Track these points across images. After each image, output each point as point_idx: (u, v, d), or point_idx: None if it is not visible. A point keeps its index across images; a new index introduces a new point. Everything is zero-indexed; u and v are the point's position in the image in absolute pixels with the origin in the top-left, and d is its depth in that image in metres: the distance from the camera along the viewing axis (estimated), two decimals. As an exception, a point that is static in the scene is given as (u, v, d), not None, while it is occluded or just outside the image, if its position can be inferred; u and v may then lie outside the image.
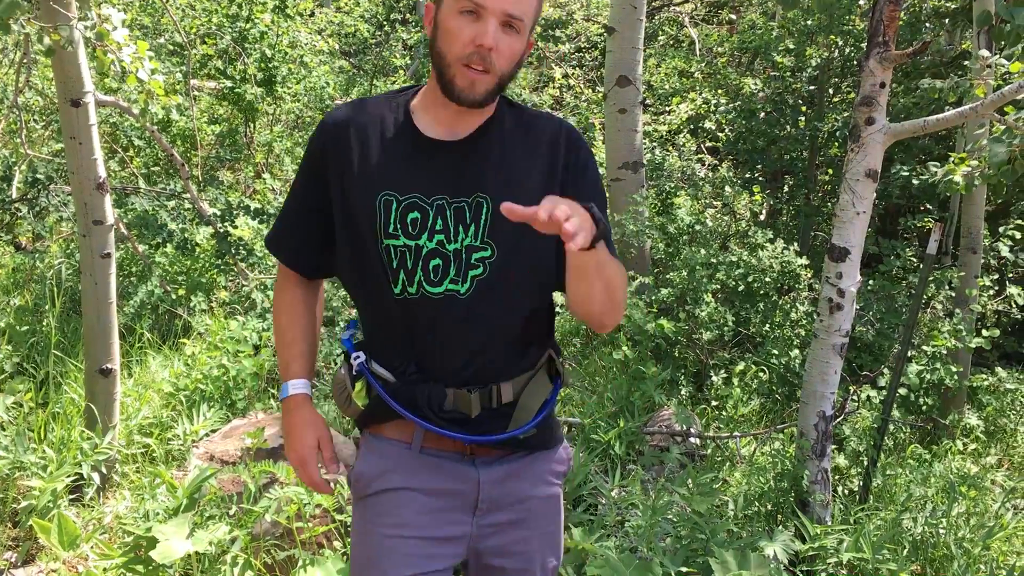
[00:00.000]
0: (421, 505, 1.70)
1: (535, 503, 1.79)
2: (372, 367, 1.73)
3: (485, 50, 1.54)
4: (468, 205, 1.64)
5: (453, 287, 1.63)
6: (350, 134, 1.68)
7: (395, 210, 1.63)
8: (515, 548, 1.77)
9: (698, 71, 10.25)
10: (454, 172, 1.65)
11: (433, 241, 1.63)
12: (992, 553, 3.88)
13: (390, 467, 1.73)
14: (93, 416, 3.74)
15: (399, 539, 1.68)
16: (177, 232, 5.60)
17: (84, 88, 3.42)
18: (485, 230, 1.63)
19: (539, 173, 1.69)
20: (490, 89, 1.59)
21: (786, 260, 5.92)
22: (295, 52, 8.09)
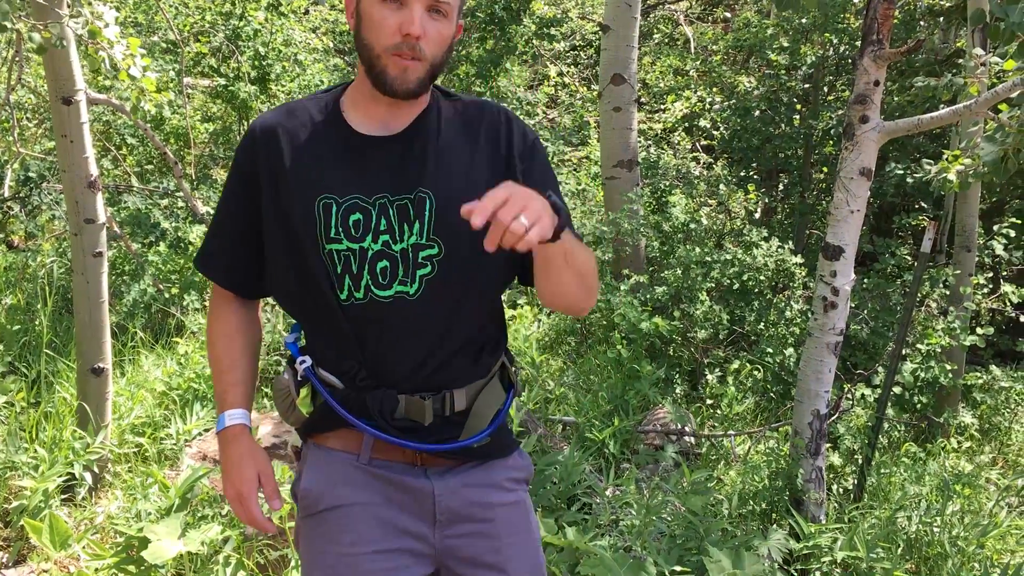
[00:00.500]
0: (376, 519, 1.62)
1: (499, 511, 1.70)
2: (319, 373, 1.64)
3: (413, 38, 1.49)
4: (411, 202, 1.56)
5: (402, 288, 1.56)
6: (280, 139, 1.61)
7: (335, 213, 1.55)
8: (488, 559, 1.67)
9: (693, 69, 10.26)
10: (393, 169, 1.58)
11: (379, 242, 1.56)
12: (986, 551, 3.88)
13: (338, 480, 1.64)
14: (85, 415, 3.72)
15: (359, 556, 1.60)
16: (170, 230, 5.58)
17: (76, 86, 3.40)
18: (431, 227, 1.56)
19: (484, 163, 1.62)
20: (422, 77, 1.53)
21: (781, 258, 5.92)
22: (289, 50, 8.07)
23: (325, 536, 1.64)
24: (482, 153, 1.63)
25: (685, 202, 6.81)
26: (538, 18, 8.87)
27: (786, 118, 8.51)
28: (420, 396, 1.60)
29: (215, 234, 1.72)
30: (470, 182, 1.58)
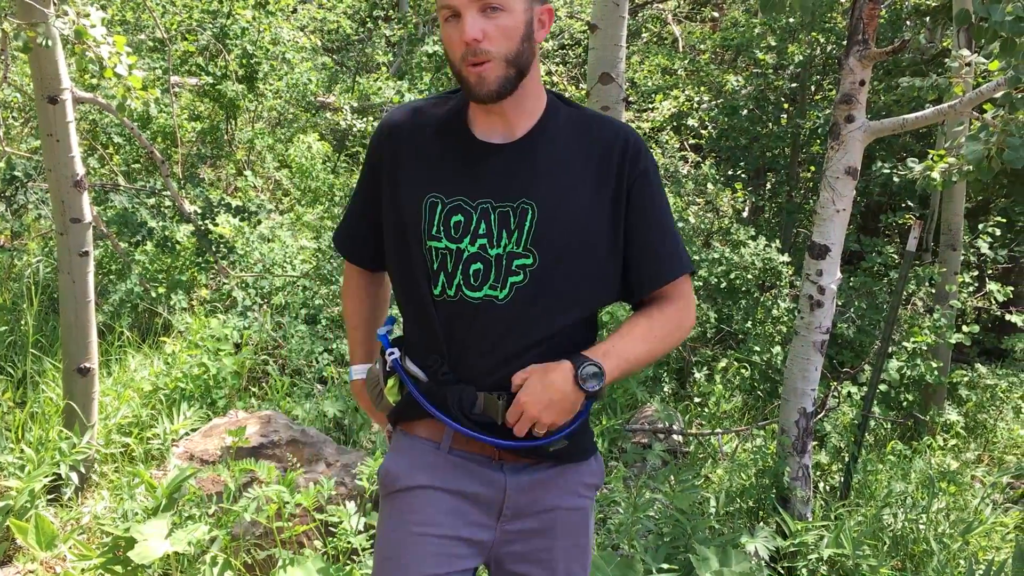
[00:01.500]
0: (447, 505, 1.69)
1: (560, 514, 1.74)
2: (406, 364, 1.73)
3: (473, 43, 1.54)
4: (513, 210, 1.62)
5: (492, 292, 1.62)
6: (403, 136, 1.71)
7: (439, 212, 1.64)
8: (537, 556, 1.74)
9: (681, 68, 10.27)
10: (502, 176, 1.64)
11: (475, 245, 1.62)
12: (971, 548, 3.91)
13: (418, 465, 1.72)
14: (71, 415, 3.71)
15: (423, 537, 1.67)
16: (157, 230, 5.56)
17: (61, 85, 3.39)
18: (529, 237, 1.61)
19: (591, 180, 1.65)
20: (500, 76, 1.57)
21: (768, 257, 5.94)
22: (277, 48, 8.05)
23: (397, 513, 1.72)
24: (591, 171, 1.66)
25: (673, 201, 6.82)
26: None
27: (773, 117, 8.54)
28: (497, 395, 1.65)
29: (346, 216, 1.88)
30: (574, 198, 1.64)
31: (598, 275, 1.67)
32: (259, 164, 8.23)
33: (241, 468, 3.19)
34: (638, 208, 1.67)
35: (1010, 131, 3.26)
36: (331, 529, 3.21)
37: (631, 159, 1.66)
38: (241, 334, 4.95)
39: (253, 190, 7.48)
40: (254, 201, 6.11)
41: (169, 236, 5.64)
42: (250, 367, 4.82)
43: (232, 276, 5.50)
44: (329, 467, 3.55)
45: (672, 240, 1.70)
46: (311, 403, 4.48)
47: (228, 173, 8.14)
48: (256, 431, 3.64)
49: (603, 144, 1.67)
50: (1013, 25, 2.87)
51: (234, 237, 5.68)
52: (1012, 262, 7.86)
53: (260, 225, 5.92)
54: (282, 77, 8.13)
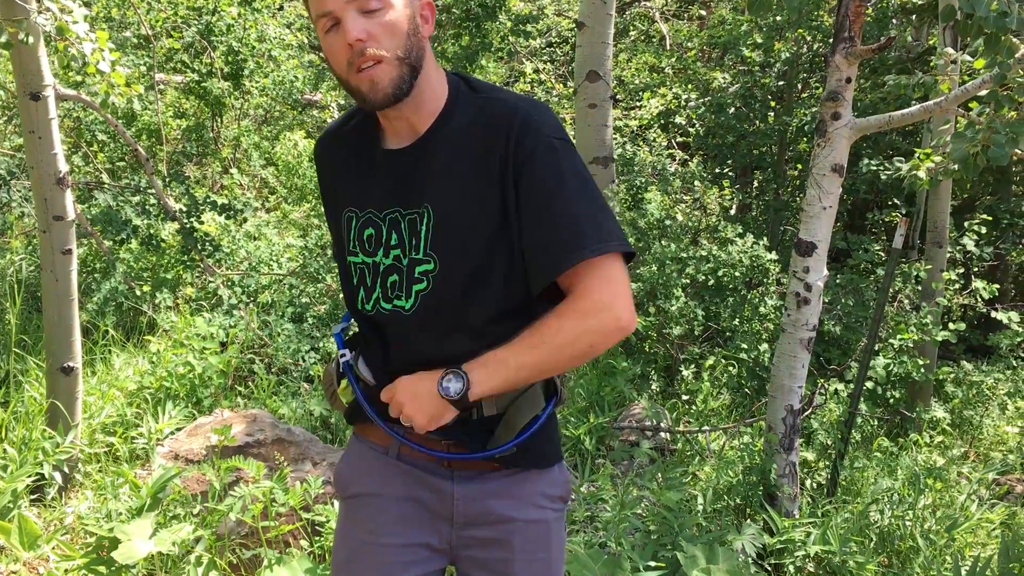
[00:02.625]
0: (395, 512, 1.66)
1: (519, 526, 1.65)
2: (357, 367, 1.67)
3: (359, 44, 1.44)
4: (419, 216, 1.54)
5: (399, 303, 1.57)
6: (326, 155, 1.72)
7: (355, 226, 1.62)
8: (496, 567, 1.67)
9: (668, 66, 10.28)
10: (404, 182, 1.56)
11: (390, 257, 1.58)
12: (957, 544, 3.92)
13: (366, 471, 1.71)
14: (55, 415, 3.68)
15: (373, 546, 1.66)
16: (142, 228, 5.53)
17: (44, 82, 3.36)
18: (427, 242, 1.53)
19: (483, 175, 1.51)
20: (394, 77, 1.47)
21: (755, 254, 5.95)
22: (263, 46, 8.01)
23: (351, 520, 1.73)
24: (483, 164, 1.51)
25: (660, 199, 6.82)
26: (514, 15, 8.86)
27: (760, 115, 8.55)
28: None
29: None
30: (467, 197, 1.51)
31: (501, 272, 1.53)
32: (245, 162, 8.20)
33: (227, 467, 3.17)
34: (525, 192, 1.49)
35: (995, 128, 3.26)
36: (318, 528, 3.20)
37: (517, 141, 1.48)
38: (227, 333, 4.92)
39: (239, 188, 7.45)
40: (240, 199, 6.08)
41: (154, 234, 5.61)
42: (236, 366, 4.80)
43: (218, 274, 5.47)
44: (315, 466, 3.53)
45: (573, 224, 1.46)
46: (297, 402, 4.46)
47: (214, 171, 8.10)
48: (242, 430, 3.62)
49: (492, 131, 1.51)
50: (997, 21, 2.87)
51: (220, 235, 5.66)
52: (997, 259, 7.92)
53: (246, 223, 5.90)
54: (268, 74, 8.09)
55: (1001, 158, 3.20)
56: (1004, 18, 2.88)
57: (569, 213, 1.47)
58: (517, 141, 1.49)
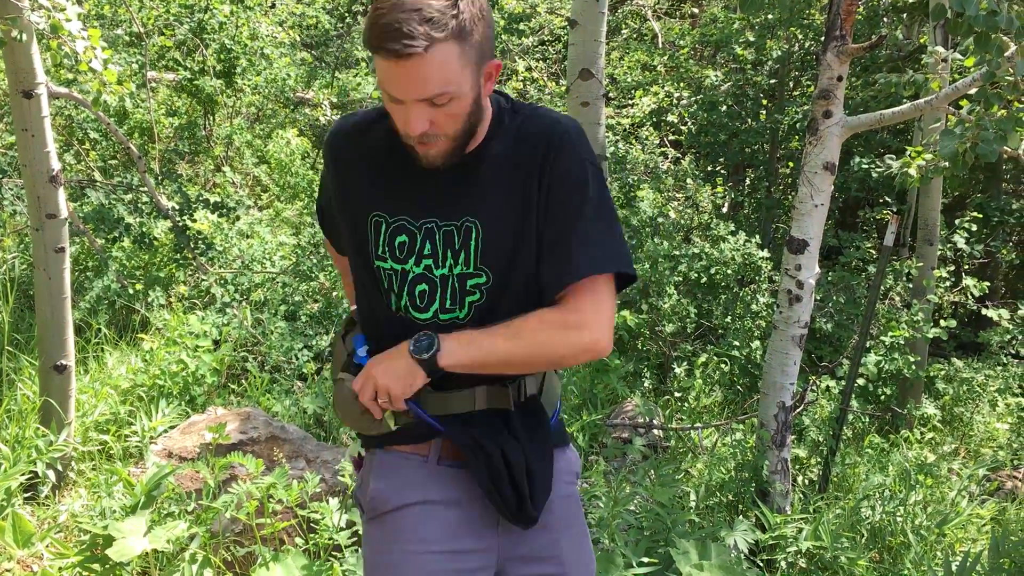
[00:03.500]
0: (442, 518, 1.64)
1: (556, 504, 1.71)
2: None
3: (418, 136, 1.48)
4: (457, 229, 1.58)
5: (450, 316, 1.60)
6: (348, 150, 1.67)
7: (384, 232, 1.60)
8: (545, 552, 1.70)
9: (661, 64, 10.29)
10: (445, 195, 1.59)
11: (420, 266, 1.59)
12: (948, 540, 3.95)
13: (408, 482, 1.66)
14: (48, 413, 3.67)
15: (424, 555, 1.62)
16: (134, 226, 5.52)
17: (36, 79, 3.35)
18: (477, 256, 1.58)
19: (522, 192, 1.58)
20: (447, 152, 1.53)
21: (747, 252, 5.97)
22: (255, 43, 8.00)
23: (392, 536, 1.65)
24: (524, 181, 1.58)
25: (653, 196, 6.83)
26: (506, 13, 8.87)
27: (752, 113, 8.57)
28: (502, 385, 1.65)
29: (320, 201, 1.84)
30: (514, 213, 1.57)
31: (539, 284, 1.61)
32: (237, 160, 8.19)
33: (222, 464, 3.17)
34: (551, 208, 1.57)
35: (984, 126, 3.28)
36: (312, 526, 3.20)
37: (552, 161, 1.56)
38: (220, 331, 4.92)
39: (231, 186, 7.44)
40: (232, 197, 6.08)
41: (146, 232, 5.60)
42: (229, 364, 4.80)
43: (211, 272, 5.47)
44: (309, 464, 3.54)
45: (585, 243, 1.56)
46: (291, 400, 4.46)
47: (206, 169, 8.09)
48: (235, 428, 3.62)
49: (531, 147, 1.58)
50: (987, 19, 2.89)
51: (212, 233, 5.65)
52: (988, 257, 7.95)
53: (239, 221, 5.89)
54: (260, 72, 8.08)
55: (990, 155, 3.22)
56: (994, 17, 2.90)
57: (586, 233, 1.56)
58: (553, 161, 1.56)
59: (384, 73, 1.43)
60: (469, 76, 1.47)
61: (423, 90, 1.43)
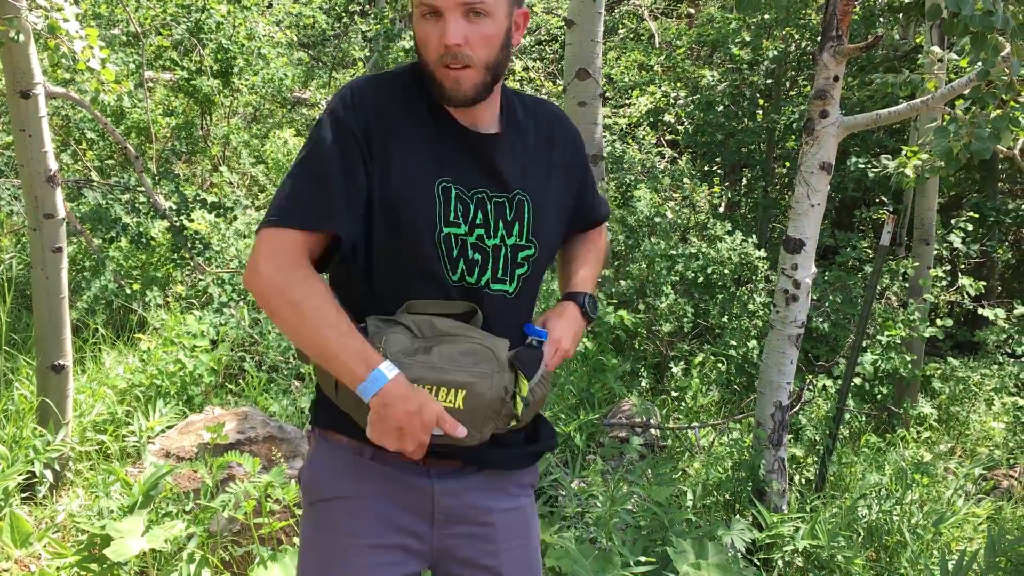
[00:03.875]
0: (374, 514, 1.62)
1: (499, 516, 1.69)
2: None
3: (455, 47, 1.49)
4: (508, 201, 1.62)
5: (500, 287, 1.61)
6: (388, 110, 1.57)
7: (453, 198, 1.57)
8: (484, 561, 1.68)
9: (657, 64, 10.30)
10: (491, 167, 1.61)
11: (473, 235, 1.58)
12: (944, 539, 3.96)
13: (341, 472, 1.65)
14: (46, 413, 3.67)
15: (352, 547, 1.61)
16: (132, 226, 5.52)
17: (34, 79, 3.36)
18: (530, 228, 1.63)
19: (559, 169, 1.72)
20: (477, 83, 1.53)
21: (744, 252, 5.98)
22: (252, 43, 8.00)
23: (324, 525, 1.65)
24: (560, 160, 1.73)
25: (650, 196, 6.84)
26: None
27: (749, 113, 8.58)
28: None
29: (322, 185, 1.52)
30: (552, 188, 1.69)
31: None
32: (235, 160, 8.18)
33: (219, 464, 3.18)
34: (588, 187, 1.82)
35: (978, 124, 3.29)
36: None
37: (574, 137, 1.79)
38: (217, 331, 4.92)
39: (229, 186, 7.43)
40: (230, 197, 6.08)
41: (144, 232, 5.59)
42: (226, 364, 4.80)
43: (208, 272, 5.47)
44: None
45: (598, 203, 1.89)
46: (288, 399, 4.46)
47: (203, 169, 8.09)
48: (233, 427, 3.62)
49: (564, 133, 1.76)
50: (983, 19, 2.90)
51: (210, 233, 5.65)
52: (984, 257, 7.97)
53: (236, 221, 5.89)
54: (257, 72, 8.08)
55: (983, 152, 3.23)
56: (989, 17, 2.91)
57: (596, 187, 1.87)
58: (574, 137, 1.78)
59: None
60: (504, 4, 1.54)
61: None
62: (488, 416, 1.53)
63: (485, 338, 1.55)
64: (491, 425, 1.55)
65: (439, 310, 1.56)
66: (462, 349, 1.52)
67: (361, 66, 10.03)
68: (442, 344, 1.51)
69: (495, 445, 1.62)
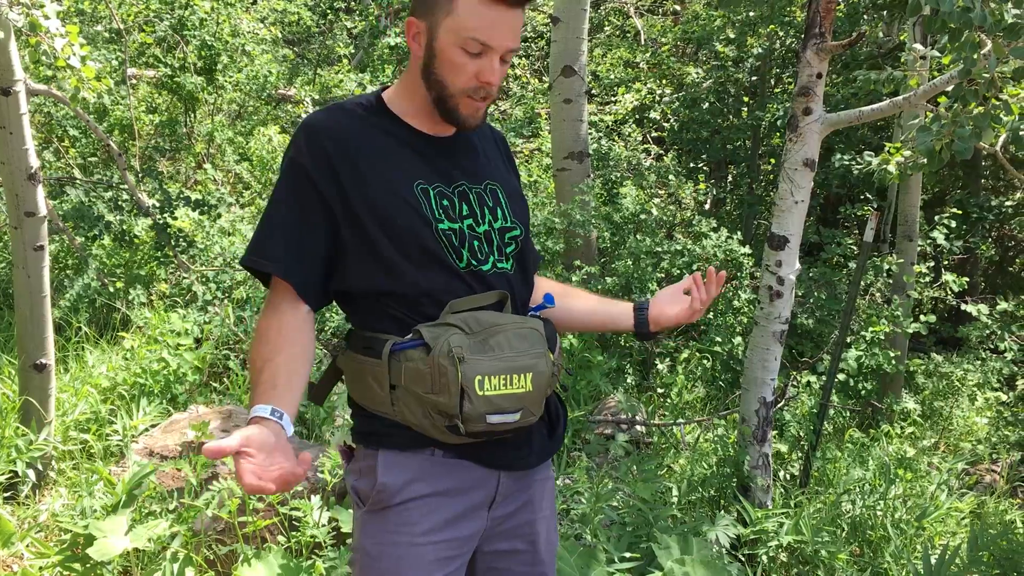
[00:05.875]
0: (448, 509, 1.67)
1: (535, 485, 1.81)
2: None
3: (492, 87, 1.60)
4: (484, 191, 1.73)
5: (503, 266, 1.71)
6: (348, 135, 1.63)
7: (432, 196, 1.65)
8: (521, 531, 1.79)
9: (643, 61, 10.31)
10: (460, 163, 1.73)
11: (464, 225, 1.67)
12: (928, 533, 3.98)
13: (415, 476, 1.66)
14: (28, 412, 3.65)
15: (426, 546, 1.64)
16: (115, 224, 5.49)
17: (14, 76, 3.33)
18: (510, 211, 1.75)
19: (503, 163, 1.86)
20: (484, 112, 1.68)
21: (730, 248, 5.99)
22: (236, 40, 7.96)
23: (399, 527, 1.65)
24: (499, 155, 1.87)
25: (636, 193, 6.85)
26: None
27: (734, 110, 8.60)
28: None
29: (275, 234, 1.61)
30: (509, 177, 1.85)
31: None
32: (219, 157, 8.14)
33: (203, 463, 3.16)
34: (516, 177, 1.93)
35: (960, 122, 3.31)
36: (294, 523, 3.20)
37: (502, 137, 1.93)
38: (201, 329, 4.90)
39: (213, 183, 7.40)
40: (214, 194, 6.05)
41: (127, 230, 5.57)
42: (211, 362, 4.78)
43: (192, 270, 5.44)
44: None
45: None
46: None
47: (187, 166, 8.05)
48: (217, 426, 3.61)
49: (493, 131, 1.90)
50: (962, 15, 2.91)
51: (194, 231, 5.62)
52: (967, 253, 8.01)
53: (220, 219, 5.87)
54: (242, 69, 8.04)
55: (965, 152, 3.25)
56: (968, 13, 2.92)
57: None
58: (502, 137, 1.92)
59: (486, 20, 1.54)
60: None
61: (514, 40, 1.59)
62: (546, 392, 1.65)
63: (525, 321, 1.65)
64: (544, 400, 1.66)
65: (475, 304, 1.64)
66: (515, 335, 1.61)
67: (346, 63, 9.99)
68: (496, 335, 1.59)
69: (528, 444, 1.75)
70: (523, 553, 1.80)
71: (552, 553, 1.85)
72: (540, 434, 1.78)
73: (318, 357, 4.99)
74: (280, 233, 1.61)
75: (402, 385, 1.58)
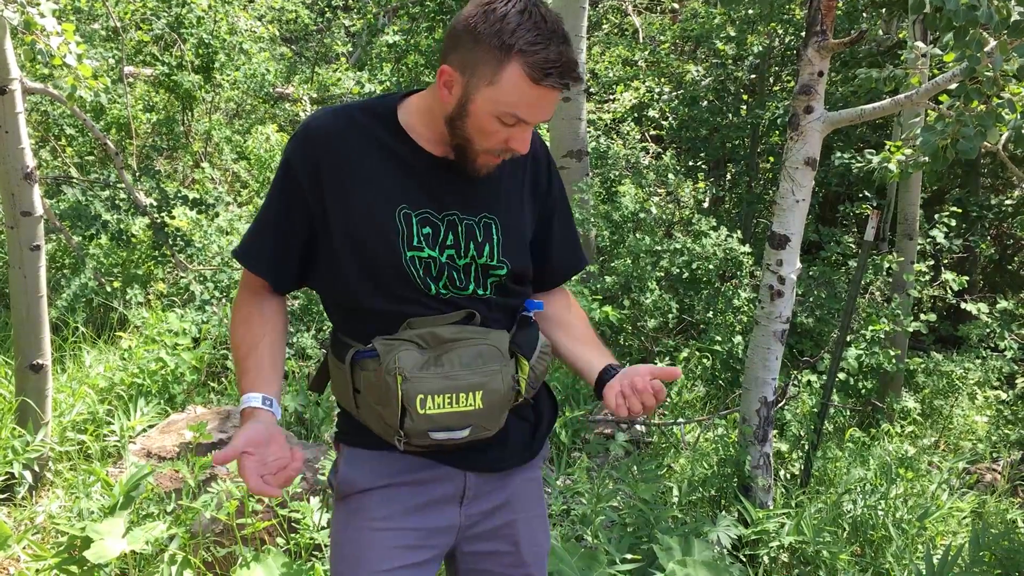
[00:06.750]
0: (407, 498, 1.69)
1: (517, 486, 1.79)
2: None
3: (517, 152, 1.58)
4: (476, 224, 1.65)
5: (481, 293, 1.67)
6: (345, 146, 1.62)
7: (414, 223, 1.61)
8: (502, 532, 1.77)
9: (641, 59, 10.29)
10: (461, 191, 1.65)
11: (444, 256, 1.63)
12: (929, 533, 3.97)
13: (376, 467, 1.70)
14: (25, 413, 3.63)
15: (384, 532, 1.67)
16: (112, 223, 5.46)
17: (10, 75, 3.31)
18: (499, 250, 1.66)
19: (526, 190, 1.75)
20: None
21: (729, 247, 5.98)
22: (234, 38, 7.93)
23: (358, 513, 1.70)
24: (524, 179, 1.75)
25: (635, 192, 6.83)
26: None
27: (733, 108, 8.58)
28: None
29: (262, 229, 1.69)
30: (519, 211, 1.73)
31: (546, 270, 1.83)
32: (216, 156, 8.12)
33: (201, 464, 3.14)
34: (558, 208, 1.82)
35: (964, 121, 3.29)
36: (293, 525, 3.18)
37: (546, 166, 1.80)
38: (199, 328, 4.88)
39: (210, 182, 7.38)
40: (211, 193, 6.02)
41: (124, 229, 5.54)
42: (209, 362, 4.76)
43: (190, 270, 5.42)
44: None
45: (577, 242, 1.91)
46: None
47: (185, 165, 8.02)
48: (215, 427, 3.59)
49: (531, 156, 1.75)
50: (967, 14, 2.89)
51: (191, 230, 5.60)
52: (967, 252, 8.00)
53: (218, 218, 5.85)
54: (239, 67, 8.01)
55: (970, 151, 3.23)
56: (973, 11, 2.90)
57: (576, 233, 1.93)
58: (546, 164, 1.80)
59: (529, 98, 1.49)
60: None
61: (550, 114, 1.56)
62: (503, 407, 1.64)
63: (487, 336, 1.63)
64: (506, 413, 1.66)
65: (436, 324, 1.63)
66: (471, 352, 1.60)
67: (344, 61, 9.97)
68: (451, 352, 1.60)
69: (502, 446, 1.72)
70: (505, 555, 1.79)
71: (538, 554, 1.84)
72: (520, 434, 1.77)
73: (316, 356, 4.97)
74: (268, 231, 1.68)
75: (362, 392, 1.64)
